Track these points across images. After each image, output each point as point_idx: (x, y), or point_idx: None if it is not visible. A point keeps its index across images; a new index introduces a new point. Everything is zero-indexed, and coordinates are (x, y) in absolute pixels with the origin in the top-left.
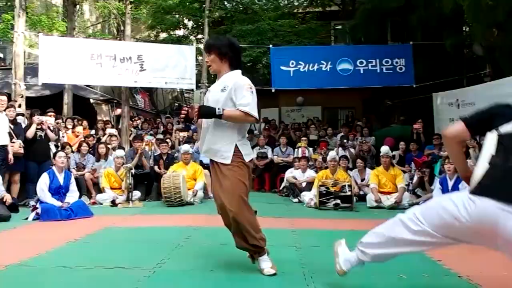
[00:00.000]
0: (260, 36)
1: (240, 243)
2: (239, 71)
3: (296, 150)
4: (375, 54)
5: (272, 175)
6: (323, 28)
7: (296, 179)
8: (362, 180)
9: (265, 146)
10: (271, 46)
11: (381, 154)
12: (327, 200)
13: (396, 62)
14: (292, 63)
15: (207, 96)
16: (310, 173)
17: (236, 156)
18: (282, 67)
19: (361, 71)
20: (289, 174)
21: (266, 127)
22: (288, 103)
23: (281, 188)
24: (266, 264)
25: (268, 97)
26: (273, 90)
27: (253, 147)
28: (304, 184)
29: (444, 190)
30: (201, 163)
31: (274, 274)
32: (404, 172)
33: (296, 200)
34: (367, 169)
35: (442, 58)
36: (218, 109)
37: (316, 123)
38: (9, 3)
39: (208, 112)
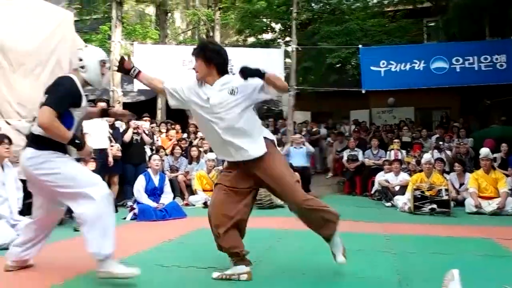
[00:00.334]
0: (349, 36)
1: (321, 230)
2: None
3: (388, 152)
4: (472, 51)
5: (363, 178)
6: (415, 26)
7: (388, 182)
8: (461, 184)
9: (356, 149)
10: (360, 46)
11: (480, 156)
12: (422, 205)
13: (496, 59)
14: (383, 63)
15: (202, 97)
16: (403, 176)
17: (267, 143)
18: (372, 68)
19: (457, 69)
20: (381, 177)
21: (357, 129)
22: (379, 104)
23: (372, 192)
24: (339, 249)
25: (358, 98)
26: (363, 91)
27: (343, 150)
28: (397, 188)
29: None
30: (291, 166)
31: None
32: (507, 175)
33: (389, 204)
34: (466, 173)
35: None
36: (262, 70)
37: (409, 125)
38: (106, 15)
39: (253, 70)
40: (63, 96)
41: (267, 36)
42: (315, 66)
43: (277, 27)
